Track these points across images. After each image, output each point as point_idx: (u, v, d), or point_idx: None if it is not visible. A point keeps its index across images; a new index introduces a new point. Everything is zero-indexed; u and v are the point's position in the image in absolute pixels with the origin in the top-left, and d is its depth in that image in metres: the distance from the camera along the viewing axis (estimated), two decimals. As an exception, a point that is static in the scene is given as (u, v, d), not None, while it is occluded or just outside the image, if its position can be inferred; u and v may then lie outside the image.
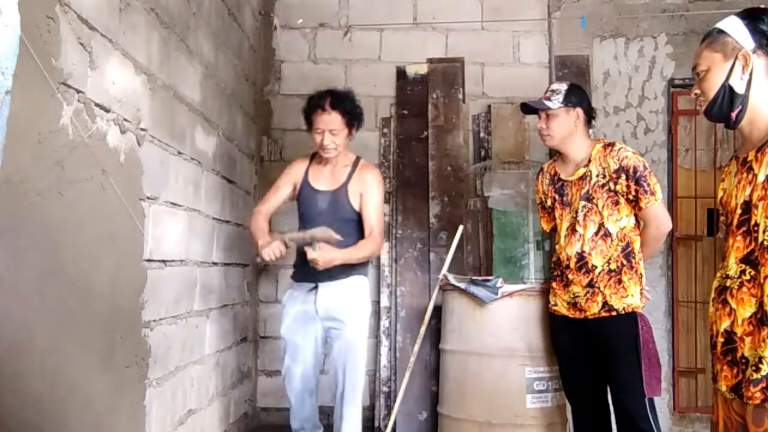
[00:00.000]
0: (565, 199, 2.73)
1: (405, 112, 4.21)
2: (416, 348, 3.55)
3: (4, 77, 0.75)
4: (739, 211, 1.59)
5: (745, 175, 1.59)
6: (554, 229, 2.86)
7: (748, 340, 1.53)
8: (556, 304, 2.77)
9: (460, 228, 3.67)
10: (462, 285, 3.13)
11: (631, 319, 2.57)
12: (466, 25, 4.27)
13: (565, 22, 4.22)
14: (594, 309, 2.60)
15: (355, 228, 2.90)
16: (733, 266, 1.58)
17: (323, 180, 2.94)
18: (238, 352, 3.65)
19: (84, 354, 1.87)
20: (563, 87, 2.72)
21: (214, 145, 3.15)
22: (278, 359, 3.51)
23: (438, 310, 3.48)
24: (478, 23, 4.30)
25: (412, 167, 4.11)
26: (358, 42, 4.31)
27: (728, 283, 1.59)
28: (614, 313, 2.58)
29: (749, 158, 1.58)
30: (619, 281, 2.59)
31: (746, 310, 1.53)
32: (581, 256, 2.62)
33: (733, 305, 1.56)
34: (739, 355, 1.54)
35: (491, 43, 4.30)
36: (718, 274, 1.65)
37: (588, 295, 2.61)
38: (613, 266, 2.59)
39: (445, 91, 4.17)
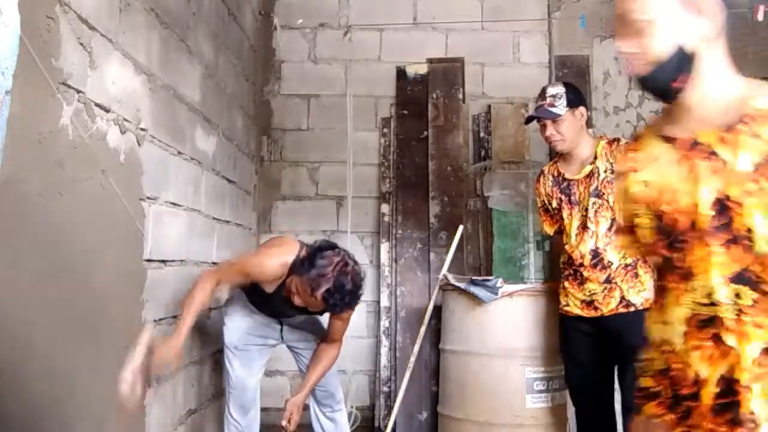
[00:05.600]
0: (573, 198, 2.69)
1: (405, 112, 4.21)
2: (416, 348, 3.55)
3: (4, 77, 0.75)
4: (710, 212, 1.18)
5: (704, 162, 1.19)
6: (558, 232, 2.81)
7: (758, 387, 1.13)
8: (567, 305, 2.68)
9: (460, 228, 3.67)
10: (462, 285, 3.13)
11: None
12: (466, 25, 4.27)
13: (565, 22, 4.22)
14: (611, 305, 2.55)
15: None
16: (719, 288, 1.17)
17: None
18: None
19: (84, 354, 1.87)
20: (561, 89, 2.68)
21: (214, 145, 3.15)
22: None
23: (438, 310, 3.48)
24: (478, 23, 4.30)
25: (412, 167, 4.11)
26: (358, 42, 4.31)
27: (718, 311, 1.17)
28: (632, 309, 2.52)
29: (703, 141, 1.20)
30: (636, 275, 2.55)
31: (753, 345, 1.14)
32: (596, 253, 2.58)
33: (733, 342, 1.15)
34: (744, 410, 1.13)
35: (491, 43, 4.30)
36: (687, 299, 1.22)
37: (606, 292, 2.57)
38: (628, 260, 2.55)
39: (445, 91, 4.17)
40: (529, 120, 2.85)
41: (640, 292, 2.54)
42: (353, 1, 4.34)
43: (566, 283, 2.70)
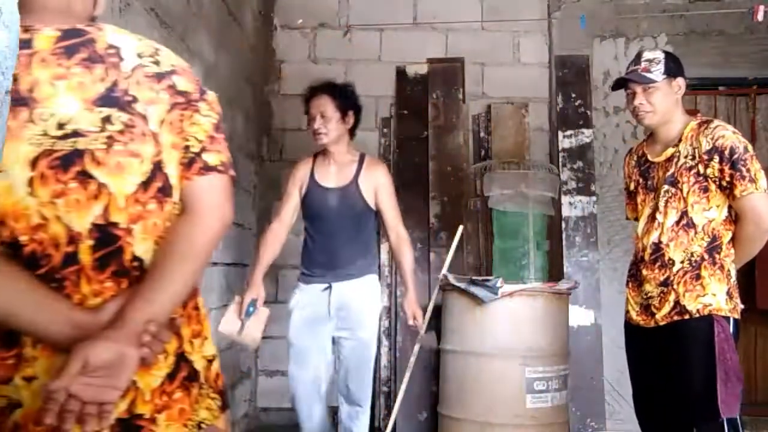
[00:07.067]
0: (649, 183, 2.36)
1: (405, 112, 4.20)
2: (416, 348, 3.54)
3: (4, 77, 0.75)
4: None
5: None
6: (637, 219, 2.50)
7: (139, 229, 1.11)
8: (628, 311, 2.40)
9: (460, 228, 3.66)
10: (462, 285, 3.13)
11: (706, 323, 2.15)
12: (466, 25, 4.27)
13: (565, 22, 4.22)
14: (665, 310, 2.22)
15: (366, 222, 2.94)
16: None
17: (331, 177, 2.89)
18: (238, 352, 3.65)
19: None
20: (660, 55, 2.31)
21: (214, 145, 3.15)
22: (278, 359, 3.51)
23: (438, 310, 3.47)
24: (478, 23, 4.30)
25: (412, 167, 4.11)
26: (358, 42, 4.31)
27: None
28: (686, 317, 2.18)
29: None
30: (698, 277, 2.18)
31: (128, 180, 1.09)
32: (657, 247, 2.25)
33: (106, 179, 1.07)
34: (127, 256, 1.10)
35: (491, 43, 4.30)
36: (31, 132, 1.05)
37: (661, 295, 2.24)
38: (694, 259, 2.20)
39: (445, 91, 4.17)
40: (617, 84, 2.40)
41: (699, 298, 2.18)
42: (353, 1, 4.34)
43: (628, 286, 2.42)
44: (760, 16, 3.59)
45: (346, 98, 2.89)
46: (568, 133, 4.07)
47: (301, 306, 2.90)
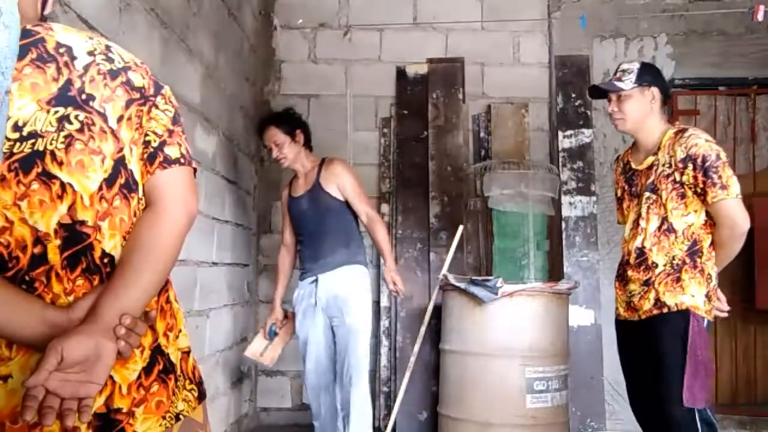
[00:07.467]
0: (633, 189, 2.48)
1: (405, 112, 4.21)
2: (416, 348, 3.55)
3: (4, 77, 0.75)
4: None
5: None
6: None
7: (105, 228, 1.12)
8: (617, 309, 2.52)
9: (460, 228, 3.67)
10: (462, 285, 3.13)
11: (682, 317, 2.26)
12: (466, 25, 4.27)
13: (565, 22, 4.22)
14: (645, 306, 2.34)
15: (340, 216, 3.19)
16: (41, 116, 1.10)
17: (300, 187, 3.26)
18: (238, 352, 3.65)
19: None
20: (635, 66, 2.46)
21: (214, 145, 3.15)
22: (278, 359, 3.52)
23: (438, 310, 3.48)
24: (478, 23, 4.30)
25: (412, 167, 4.11)
26: (358, 42, 4.31)
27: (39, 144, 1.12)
28: (665, 310, 2.29)
29: None
30: (678, 279, 2.30)
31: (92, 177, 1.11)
32: (641, 252, 2.37)
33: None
34: (97, 253, 1.11)
35: (491, 43, 4.30)
36: None
37: (642, 293, 2.37)
38: (675, 262, 2.32)
39: (445, 91, 4.17)
40: (592, 92, 2.58)
41: (678, 295, 2.29)
42: (353, 1, 4.34)
43: (616, 285, 2.54)
44: (760, 16, 3.59)
45: (288, 122, 3.24)
46: (568, 133, 4.07)
47: (299, 301, 3.22)
